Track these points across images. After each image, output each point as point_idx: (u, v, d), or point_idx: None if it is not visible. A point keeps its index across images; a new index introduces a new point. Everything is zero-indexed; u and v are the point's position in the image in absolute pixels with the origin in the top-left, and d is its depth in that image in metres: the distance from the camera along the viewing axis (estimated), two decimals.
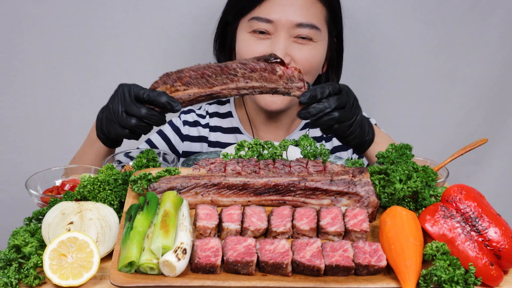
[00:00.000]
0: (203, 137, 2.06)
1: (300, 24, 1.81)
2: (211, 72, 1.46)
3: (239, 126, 2.07)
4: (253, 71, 1.45)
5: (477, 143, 1.55)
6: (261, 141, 1.46)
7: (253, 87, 1.46)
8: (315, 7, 1.85)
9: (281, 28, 1.81)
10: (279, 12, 1.81)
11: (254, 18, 1.84)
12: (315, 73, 1.92)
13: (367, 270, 1.12)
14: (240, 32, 1.90)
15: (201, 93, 1.46)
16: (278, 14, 1.80)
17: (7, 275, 1.13)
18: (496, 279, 1.12)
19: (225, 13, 1.98)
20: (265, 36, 1.84)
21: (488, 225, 1.16)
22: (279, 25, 1.81)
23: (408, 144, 1.44)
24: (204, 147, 2.06)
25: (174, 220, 1.16)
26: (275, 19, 1.81)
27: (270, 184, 1.31)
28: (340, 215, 1.24)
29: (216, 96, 1.47)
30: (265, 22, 1.82)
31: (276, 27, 1.81)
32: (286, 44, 1.81)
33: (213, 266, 1.10)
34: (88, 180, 1.36)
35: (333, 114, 1.45)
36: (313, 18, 1.83)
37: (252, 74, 1.46)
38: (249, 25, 1.85)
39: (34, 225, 1.28)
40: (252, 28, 1.84)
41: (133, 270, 1.09)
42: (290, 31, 1.81)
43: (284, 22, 1.80)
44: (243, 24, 1.89)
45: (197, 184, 1.31)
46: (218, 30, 2.02)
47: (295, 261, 1.11)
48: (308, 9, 1.82)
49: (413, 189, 1.30)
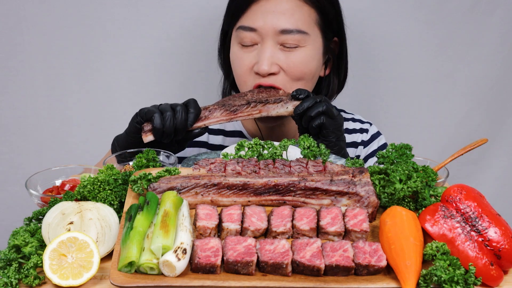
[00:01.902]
0: (200, 142, 2.06)
1: (284, 30, 1.75)
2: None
3: (242, 130, 2.07)
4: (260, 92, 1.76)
5: (477, 143, 1.55)
6: (261, 141, 1.46)
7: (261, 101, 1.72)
8: (301, 10, 1.79)
9: (266, 36, 1.77)
10: (262, 19, 1.76)
11: (239, 27, 1.81)
12: (310, 78, 1.87)
13: (367, 270, 1.12)
14: (232, 43, 1.88)
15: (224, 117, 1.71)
16: (261, 22, 1.76)
17: (7, 275, 1.13)
18: (496, 279, 1.12)
19: (223, 22, 1.96)
20: (252, 48, 1.80)
21: (488, 225, 1.16)
22: (263, 33, 1.77)
23: (408, 144, 1.43)
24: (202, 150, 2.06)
25: (174, 220, 1.16)
26: (259, 27, 1.76)
27: (270, 184, 1.31)
28: (340, 215, 1.24)
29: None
30: (249, 31, 1.78)
31: (261, 35, 1.77)
32: (272, 53, 1.77)
33: (213, 266, 1.10)
34: (88, 180, 1.36)
35: (322, 105, 1.64)
36: (299, 22, 1.77)
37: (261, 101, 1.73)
38: (237, 35, 1.83)
39: (34, 225, 1.28)
40: (239, 38, 1.82)
41: (133, 270, 1.09)
42: (275, 38, 1.77)
43: (267, 29, 1.76)
44: (234, 34, 1.86)
45: (197, 184, 1.31)
46: (220, 41, 2.00)
47: (295, 261, 1.11)
48: (293, 14, 1.77)
49: (413, 189, 1.30)
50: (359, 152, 2.07)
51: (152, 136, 1.61)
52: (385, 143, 2.08)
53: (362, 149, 2.06)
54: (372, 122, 2.14)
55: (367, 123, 2.11)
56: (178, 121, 1.60)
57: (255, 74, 1.81)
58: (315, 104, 1.65)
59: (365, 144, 2.07)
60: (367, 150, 2.06)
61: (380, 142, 2.08)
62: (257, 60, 1.79)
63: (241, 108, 1.70)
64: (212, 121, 1.68)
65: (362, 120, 2.12)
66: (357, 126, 2.09)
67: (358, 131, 2.08)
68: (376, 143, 2.07)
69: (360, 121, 2.11)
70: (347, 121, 2.11)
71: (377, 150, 2.05)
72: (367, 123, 2.11)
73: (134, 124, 1.64)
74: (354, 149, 2.06)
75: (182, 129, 1.61)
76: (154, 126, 1.58)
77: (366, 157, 2.05)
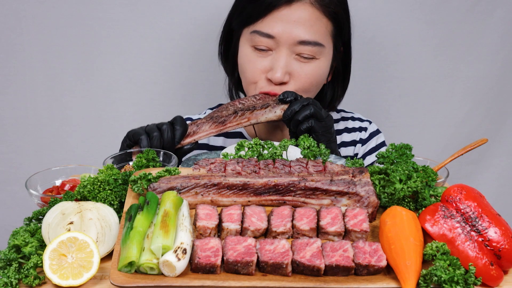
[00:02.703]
0: (201, 143, 2.05)
1: (303, 41, 1.75)
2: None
3: (243, 131, 2.07)
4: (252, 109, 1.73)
5: (477, 143, 1.55)
6: (261, 141, 1.46)
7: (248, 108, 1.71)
8: (320, 22, 1.78)
9: (283, 44, 1.76)
10: (281, 27, 1.75)
11: (255, 31, 1.79)
12: (315, 90, 1.88)
13: (367, 270, 1.12)
14: (242, 43, 1.86)
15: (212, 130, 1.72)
16: (280, 30, 1.75)
17: (7, 275, 1.13)
18: (496, 279, 1.12)
19: (230, 18, 1.94)
20: (266, 53, 1.80)
21: (488, 225, 1.16)
22: (280, 41, 1.76)
23: (408, 144, 1.43)
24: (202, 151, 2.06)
25: (174, 220, 1.16)
26: (277, 35, 1.75)
27: (270, 184, 1.31)
28: (340, 215, 1.24)
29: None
30: (266, 37, 1.77)
31: (278, 42, 1.76)
32: (287, 61, 1.77)
33: (213, 266, 1.10)
34: (88, 180, 1.36)
35: (310, 107, 1.63)
36: (317, 35, 1.77)
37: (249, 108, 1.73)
38: (251, 38, 1.81)
39: (34, 225, 1.28)
40: (254, 42, 1.80)
41: (133, 270, 1.09)
42: (292, 48, 1.76)
43: (286, 38, 1.75)
44: (245, 35, 1.85)
45: (197, 184, 1.31)
46: (222, 34, 1.98)
47: (295, 261, 1.11)
48: (312, 26, 1.76)
49: (413, 189, 1.30)
50: (357, 150, 2.07)
51: None
52: (384, 141, 2.09)
53: (360, 147, 2.07)
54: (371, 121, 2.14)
55: (366, 121, 2.12)
56: (165, 140, 1.60)
57: (266, 80, 1.81)
58: (303, 108, 1.64)
59: (363, 142, 2.07)
60: (365, 148, 2.07)
61: (379, 140, 2.08)
62: (271, 67, 1.78)
63: (229, 118, 1.70)
64: (201, 135, 1.69)
65: (361, 119, 2.13)
66: (356, 124, 2.10)
67: (357, 129, 2.08)
68: (375, 141, 2.08)
69: (359, 120, 2.12)
70: (346, 120, 2.11)
71: (375, 148, 2.06)
72: (366, 121, 2.12)
73: (124, 147, 1.66)
74: (353, 147, 2.07)
75: (170, 147, 1.62)
76: (142, 148, 1.59)
77: (364, 155, 2.06)
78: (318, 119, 1.65)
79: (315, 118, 1.64)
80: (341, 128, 2.10)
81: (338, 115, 2.14)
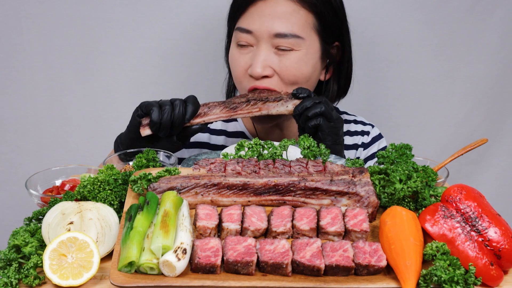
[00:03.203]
0: (201, 142, 2.06)
1: (279, 34, 1.76)
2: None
3: (244, 131, 2.07)
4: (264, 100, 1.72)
5: (477, 143, 1.55)
6: (261, 141, 1.46)
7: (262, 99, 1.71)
8: (298, 15, 1.78)
9: (261, 39, 1.78)
10: (258, 22, 1.77)
11: (237, 28, 1.83)
12: (304, 82, 1.85)
13: (367, 270, 1.12)
14: (231, 43, 1.89)
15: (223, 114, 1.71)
16: (257, 24, 1.77)
17: (7, 275, 1.13)
18: (496, 279, 1.12)
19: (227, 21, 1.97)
20: (248, 49, 1.82)
21: (488, 225, 1.16)
22: (258, 36, 1.78)
23: (408, 144, 1.44)
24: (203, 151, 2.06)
25: (174, 220, 1.16)
26: (254, 30, 1.78)
27: (270, 184, 1.31)
28: (340, 215, 1.24)
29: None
30: (245, 33, 1.79)
31: (257, 37, 1.78)
32: (266, 55, 1.78)
33: (213, 266, 1.10)
34: (88, 180, 1.36)
35: (321, 106, 1.64)
36: (294, 27, 1.77)
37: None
38: (235, 35, 1.85)
39: (34, 225, 1.28)
40: (237, 39, 1.83)
41: (133, 270, 1.09)
42: (270, 41, 1.78)
43: (263, 32, 1.77)
44: (233, 34, 1.88)
45: (197, 184, 1.31)
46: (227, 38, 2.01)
47: (295, 261, 1.11)
48: (289, 18, 1.77)
49: (413, 189, 1.30)
50: (358, 154, 2.06)
51: (149, 130, 1.62)
52: (385, 147, 2.08)
53: (362, 151, 2.06)
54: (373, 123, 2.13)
55: (369, 125, 2.11)
56: (176, 115, 1.61)
57: (249, 77, 1.82)
58: (314, 105, 1.65)
59: (365, 146, 2.07)
60: (366, 153, 2.06)
61: (381, 145, 2.08)
62: (251, 63, 1.80)
63: (240, 105, 1.70)
64: (211, 117, 1.68)
65: (364, 122, 2.12)
66: (359, 128, 2.09)
67: (359, 133, 2.08)
68: (377, 145, 2.07)
69: (362, 123, 2.11)
70: (349, 123, 2.10)
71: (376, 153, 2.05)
72: (369, 125, 2.10)
73: (135, 117, 1.66)
74: (354, 151, 2.07)
75: (180, 123, 1.62)
76: (152, 119, 1.60)
77: (366, 159, 2.05)
78: (327, 119, 1.65)
79: (324, 117, 1.65)
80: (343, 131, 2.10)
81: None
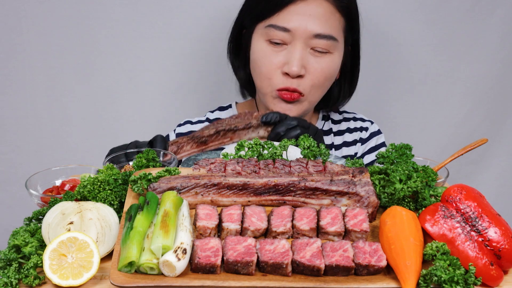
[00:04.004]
0: None
1: (318, 35, 1.78)
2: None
3: None
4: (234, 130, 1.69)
5: (477, 143, 1.55)
6: (261, 141, 1.46)
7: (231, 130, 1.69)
8: (334, 17, 1.82)
9: (298, 38, 1.78)
10: (298, 21, 1.78)
11: (271, 25, 1.81)
12: (328, 84, 1.90)
13: (367, 270, 1.12)
14: (256, 39, 1.87)
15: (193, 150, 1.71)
16: (296, 23, 1.78)
17: (7, 275, 1.13)
18: (496, 279, 1.12)
19: (241, 16, 1.95)
20: (281, 47, 1.82)
21: (488, 225, 1.16)
22: (296, 35, 1.78)
23: (408, 144, 1.44)
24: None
25: (174, 220, 1.16)
26: (293, 28, 1.78)
27: (270, 184, 1.31)
28: (340, 215, 1.24)
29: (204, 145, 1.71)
30: (282, 31, 1.79)
31: (293, 36, 1.79)
32: (302, 55, 1.79)
33: (213, 266, 1.10)
34: (88, 180, 1.36)
35: (297, 130, 1.59)
36: (331, 29, 1.80)
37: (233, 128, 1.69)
38: (266, 32, 1.83)
39: (34, 225, 1.28)
40: (269, 36, 1.82)
41: (133, 270, 1.09)
42: (307, 42, 1.79)
43: (302, 31, 1.78)
44: (259, 30, 1.86)
45: (197, 184, 1.31)
46: (233, 33, 1.99)
47: (295, 261, 1.11)
48: (327, 20, 1.79)
49: (413, 189, 1.30)
50: (356, 149, 2.08)
51: None
52: (384, 142, 2.09)
53: (360, 146, 2.08)
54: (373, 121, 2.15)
55: (368, 121, 2.14)
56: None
57: (282, 75, 1.82)
58: (288, 131, 1.63)
59: (363, 141, 2.09)
60: (364, 147, 2.08)
61: (379, 141, 2.09)
62: (286, 61, 1.80)
63: (210, 138, 1.69)
64: (183, 155, 1.69)
65: (363, 119, 2.14)
66: (358, 125, 2.11)
67: (358, 129, 2.10)
68: (375, 140, 2.09)
69: (361, 120, 2.14)
70: (348, 121, 2.13)
71: (374, 148, 2.07)
72: (368, 122, 2.13)
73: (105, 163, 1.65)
74: (353, 146, 2.08)
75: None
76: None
77: (364, 154, 2.07)
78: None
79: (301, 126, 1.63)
80: (343, 129, 2.11)
81: (340, 116, 2.15)
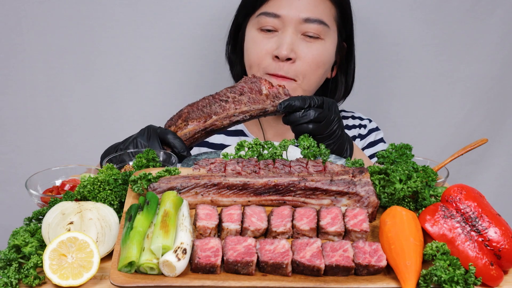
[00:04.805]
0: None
1: (307, 19, 1.81)
2: (205, 103, 1.63)
3: (244, 129, 2.07)
4: (242, 93, 1.60)
5: (477, 143, 1.55)
6: (261, 141, 1.46)
7: (243, 112, 1.60)
8: (324, 4, 1.86)
9: (289, 24, 1.82)
10: (287, 7, 1.82)
11: (262, 13, 1.85)
12: (322, 72, 1.90)
13: (367, 270, 1.12)
14: (248, 30, 1.92)
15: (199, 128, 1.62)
16: (286, 9, 1.82)
17: (7, 275, 1.13)
18: (496, 279, 1.12)
19: (237, 16, 2.00)
20: (272, 34, 1.85)
21: (488, 225, 1.16)
22: (286, 20, 1.82)
23: (408, 144, 1.44)
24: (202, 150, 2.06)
25: (174, 220, 1.16)
26: (283, 14, 1.82)
27: (270, 184, 1.31)
28: (340, 215, 1.24)
29: (211, 130, 1.63)
30: (272, 17, 1.83)
31: (284, 22, 1.82)
32: (292, 39, 1.82)
33: (213, 266, 1.10)
34: (88, 180, 1.36)
35: (307, 127, 1.55)
36: (321, 14, 1.84)
37: (241, 98, 1.61)
38: (257, 21, 1.87)
39: (34, 225, 1.28)
40: (260, 24, 1.86)
41: (133, 270, 1.09)
42: (297, 27, 1.82)
43: (291, 17, 1.81)
44: (251, 21, 1.90)
45: (197, 184, 1.31)
46: (230, 34, 2.04)
47: (295, 261, 1.11)
48: (317, 6, 1.83)
49: (413, 189, 1.30)
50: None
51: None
52: (382, 138, 2.11)
53: (359, 141, 2.09)
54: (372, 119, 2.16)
55: (366, 119, 2.16)
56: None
57: (272, 59, 1.84)
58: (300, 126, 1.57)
59: (362, 137, 2.10)
60: (363, 143, 2.10)
61: (378, 136, 2.11)
62: (277, 46, 1.83)
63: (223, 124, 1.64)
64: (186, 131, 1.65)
65: (361, 117, 2.17)
66: (357, 122, 2.13)
67: (357, 126, 2.12)
68: (373, 136, 2.10)
69: (359, 118, 2.16)
70: (346, 119, 2.14)
71: (373, 143, 2.08)
72: (366, 120, 2.16)
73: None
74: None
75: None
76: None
77: (363, 149, 2.08)
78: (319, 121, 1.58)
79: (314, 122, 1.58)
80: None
81: None
